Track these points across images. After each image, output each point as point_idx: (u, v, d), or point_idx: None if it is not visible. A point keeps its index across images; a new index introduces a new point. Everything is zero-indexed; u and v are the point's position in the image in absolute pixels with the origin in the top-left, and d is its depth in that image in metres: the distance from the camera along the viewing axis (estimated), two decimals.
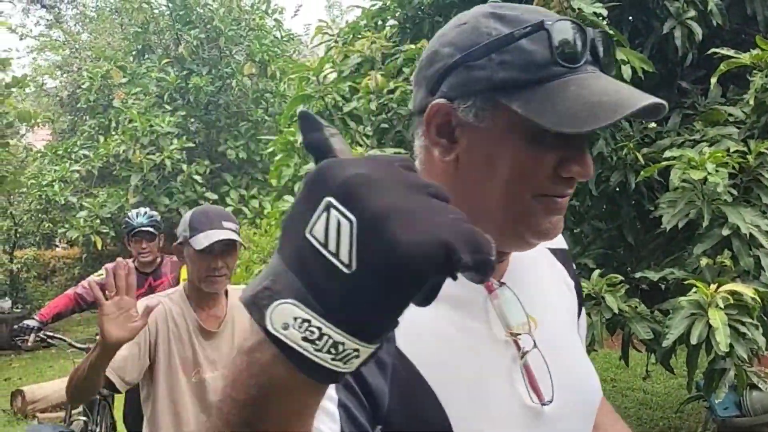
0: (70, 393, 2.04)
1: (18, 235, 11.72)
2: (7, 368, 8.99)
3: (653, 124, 3.64)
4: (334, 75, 4.19)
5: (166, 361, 2.10)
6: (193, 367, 2.12)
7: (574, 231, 3.64)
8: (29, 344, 3.61)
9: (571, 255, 3.38)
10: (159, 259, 4.09)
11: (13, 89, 7.80)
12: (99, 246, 9.70)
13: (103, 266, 3.94)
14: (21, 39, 14.48)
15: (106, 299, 1.73)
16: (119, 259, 1.87)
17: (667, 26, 3.34)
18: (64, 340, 3.87)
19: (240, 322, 2.19)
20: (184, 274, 3.79)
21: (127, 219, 4.06)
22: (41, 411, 6.35)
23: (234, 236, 2.06)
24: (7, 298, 10.85)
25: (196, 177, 10.25)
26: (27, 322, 3.73)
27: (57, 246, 14.75)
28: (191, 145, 10.47)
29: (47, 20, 15.34)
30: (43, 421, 6.19)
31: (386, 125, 3.76)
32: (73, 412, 4.42)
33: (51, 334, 3.76)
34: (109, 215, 9.78)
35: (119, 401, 4.18)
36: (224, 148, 10.99)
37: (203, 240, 2.02)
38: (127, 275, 1.75)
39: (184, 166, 10.11)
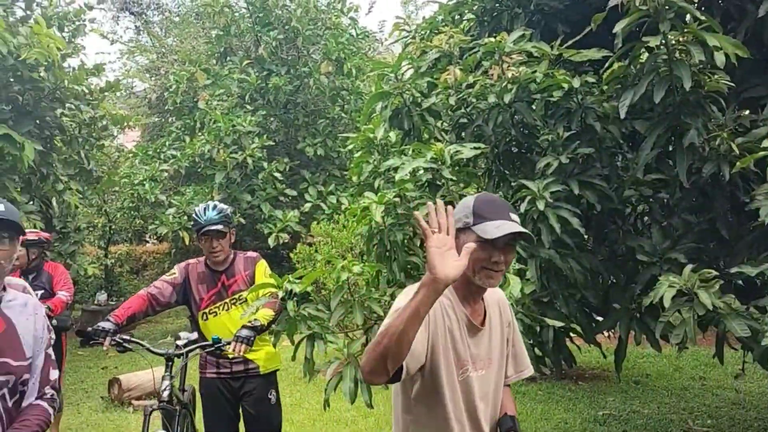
0: (374, 360, 1.63)
1: (112, 232, 12.39)
2: (104, 358, 9.51)
3: (746, 112, 3.47)
4: (411, 71, 4.20)
5: (444, 355, 1.87)
6: (463, 363, 1.91)
7: (663, 225, 3.51)
8: (105, 348, 3.39)
9: (662, 249, 3.26)
10: (231, 257, 3.77)
11: (107, 93, 8.24)
12: (186, 241, 10.12)
13: (175, 265, 3.80)
14: (111, 44, 15.27)
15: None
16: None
17: (762, 9, 3.17)
18: (141, 344, 3.52)
19: (496, 319, 2.03)
20: (259, 272, 3.70)
21: (194, 216, 3.66)
22: (136, 399, 6.70)
23: (523, 230, 1.85)
24: (103, 291, 11.48)
25: (276, 174, 10.52)
26: (102, 324, 3.42)
27: (147, 242, 15.50)
28: (271, 143, 10.75)
29: (135, 26, 16.12)
30: (138, 408, 6.54)
31: (465, 120, 3.75)
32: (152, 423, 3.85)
33: (127, 338, 3.50)
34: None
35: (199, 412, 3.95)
36: (303, 146, 11.23)
37: (493, 230, 1.80)
38: (443, 216, 1.62)
39: (265, 164, 10.40)
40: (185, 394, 3.64)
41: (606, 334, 4.45)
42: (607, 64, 3.08)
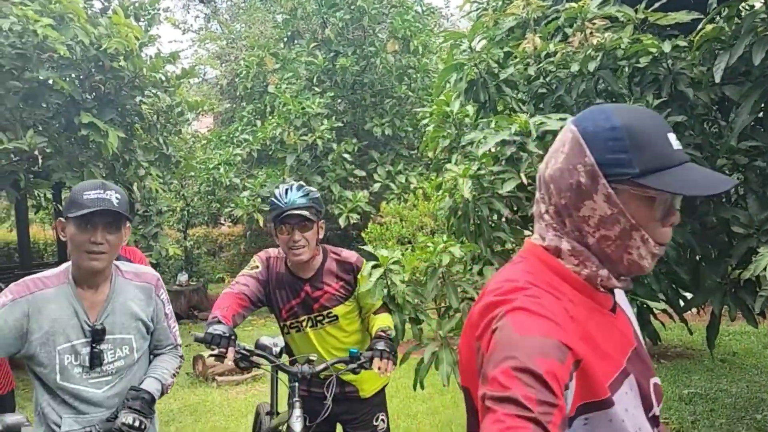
0: None
1: (189, 215, 12.80)
2: (187, 336, 9.88)
3: None
4: (484, 42, 4.10)
5: None
6: None
7: (759, 194, 3.32)
8: (229, 361, 2.52)
9: (759, 221, 3.08)
10: (320, 259, 2.87)
11: (182, 80, 8.47)
12: (261, 223, 10.36)
13: (255, 254, 3.00)
14: (183, 33, 15.64)
15: None
16: None
17: None
18: (269, 359, 2.70)
19: None
20: (361, 280, 2.85)
21: (273, 198, 2.76)
22: (219, 375, 6.94)
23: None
24: (184, 272, 11.90)
25: (345, 155, 10.60)
26: (216, 327, 2.53)
27: (222, 224, 15.96)
28: (339, 124, 10.82)
29: (205, 14, 16.45)
30: (222, 383, 6.77)
31: (544, 90, 3.64)
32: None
33: (250, 348, 2.69)
34: (268, 194, 10.39)
35: None
36: (370, 126, 11.25)
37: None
38: None
39: (334, 145, 10.48)
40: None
41: (693, 310, 4.27)
42: (700, 26, 2.92)
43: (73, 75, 6.96)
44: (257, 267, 2.92)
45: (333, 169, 10.67)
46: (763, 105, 3.07)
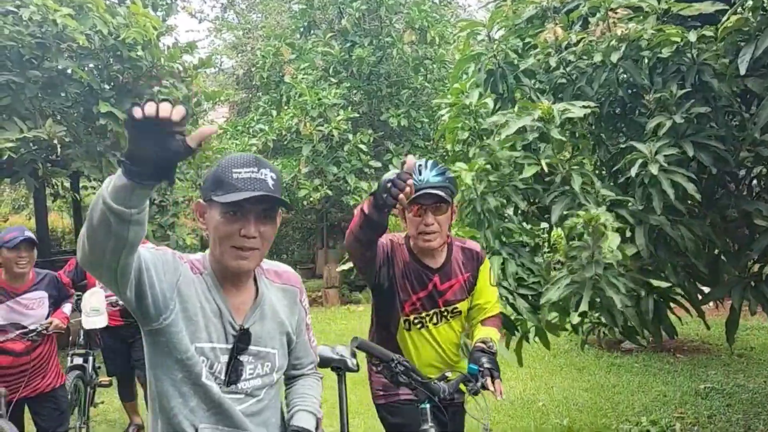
0: None
1: None
2: None
3: None
4: (502, 32, 4.06)
5: None
6: None
7: None
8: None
9: None
10: (449, 247, 2.55)
11: (199, 70, 8.49)
12: None
13: None
14: (200, 23, 15.68)
15: None
16: None
17: None
18: (418, 377, 2.30)
19: None
20: (483, 279, 2.59)
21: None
22: None
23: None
24: None
25: (361, 146, 10.60)
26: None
27: None
28: (355, 115, 10.82)
29: (221, 4, 16.48)
30: None
31: (564, 80, 3.60)
32: None
33: (406, 363, 2.33)
34: (283, 184, 10.42)
35: None
36: (386, 117, 11.23)
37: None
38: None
39: (350, 136, 10.49)
40: None
41: (711, 304, 4.24)
42: (725, 17, 2.87)
43: (92, 65, 7.01)
44: (381, 241, 2.44)
45: (349, 159, 10.68)
46: None
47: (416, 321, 2.53)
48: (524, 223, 3.68)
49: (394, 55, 11.32)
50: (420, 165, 2.40)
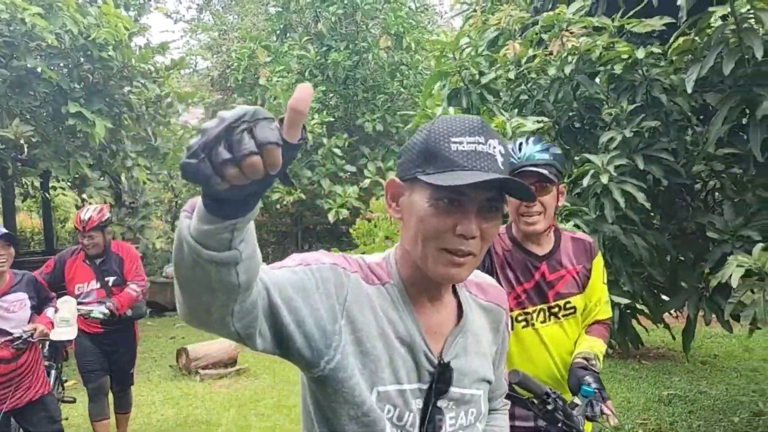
0: None
1: (178, 207, 12.77)
2: (172, 328, 9.89)
3: None
4: (469, 49, 4.14)
5: None
6: None
7: (735, 200, 3.36)
8: None
9: (734, 226, 3.12)
10: (557, 235, 2.24)
11: (172, 71, 8.45)
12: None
13: None
14: (175, 23, 15.56)
15: None
16: None
17: None
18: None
19: None
20: (596, 273, 2.26)
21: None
22: (202, 368, 6.95)
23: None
24: (170, 264, 11.85)
25: (336, 150, 10.60)
26: None
27: None
28: (331, 119, 10.82)
29: (197, 4, 16.39)
30: (205, 377, 6.78)
31: (525, 96, 3.67)
32: None
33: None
34: None
35: None
36: (362, 122, 11.25)
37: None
38: None
39: (325, 140, 10.49)
40: None
41: (674, 313, 4.32)
42: (672, 38, 2.95)
43: (62, 64, 6.95)
44: None
45: (323, 163, 10.68)
46: (739, 112, 3.11)
47: (520, 318, 2.15)
48: None
49: (370, 60, 11.35)
50: (521, 141, 2.13)
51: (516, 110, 3.72)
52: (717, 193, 3.59)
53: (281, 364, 7.34)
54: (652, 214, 3.57)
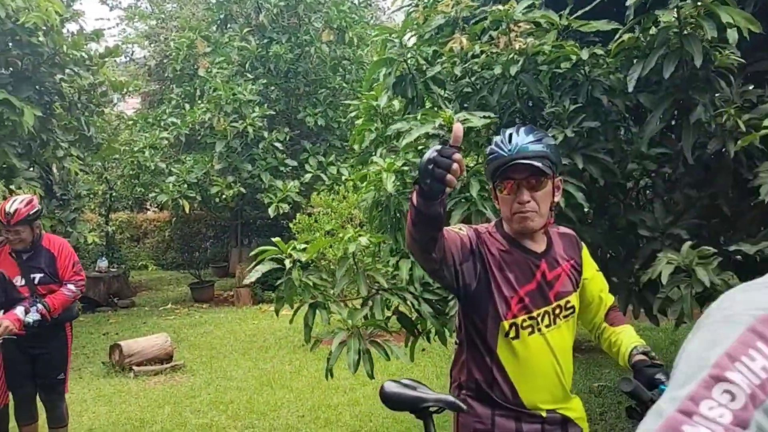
0: None
1: (112, 199, 12.38)
2: (105, 323, 9.60)
3: (752, 87, 3.43)
4: (415, 38, 4.15)
5: None
6: None
7: (665, 199, 3.50)
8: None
9: (664, 225, 3.25)
10: (546, 230, 2.08)
11: (106, 59, 8.17)
12: (187, 209, 10.14)
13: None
14: (111, 10, 15.05)
15: None
16: None
17: None
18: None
19: None
20: (587, 263, 2.16)
21: (493, 146, 1.99)
22: (137, 364, 6.76)
23: None
24: (104, 258, 11.51)
25: (277, 144, 10.49)
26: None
27: (148, 209, 15.49)
28: (272, 112, 10.70)
29: None
30: (139, 373, 6.60)
31: (469, 89, 3.71)
32: None
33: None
34: (195, 180, 10.18)
35: None
36: (303, 116, 11.17)
37: None
38: None
39: (266, 134, 10.36)
40: None
41: None
42: (617, 36, 3.04)
43: None
44: (462, 229, 1.99)
45: (264, 157, 10.55)
46: (672, 114, 3.24)
47: (526, 324, 1.96)
48: None
49: (313, 54, 11.27)
50: (512, 132, 1.95)
51: (459, 102, 3.75)
52: (648, 192, 3.73)
53: (219, 359, 7.23)
54: (587, 210, 3.69)
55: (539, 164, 1.87)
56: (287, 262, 2.83)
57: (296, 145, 11.38)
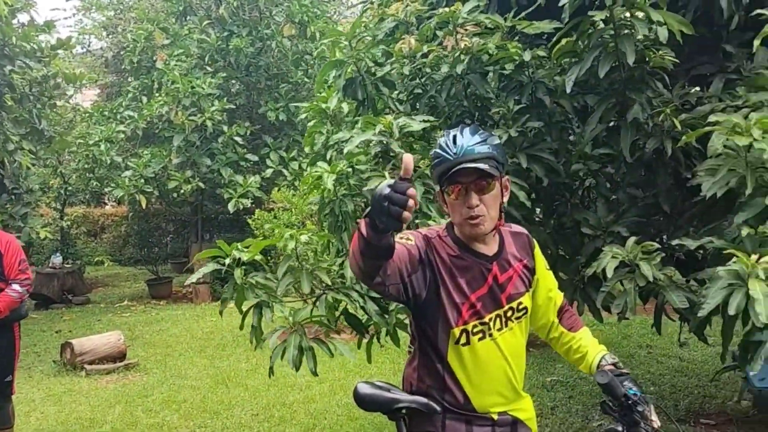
0: None
1: (67, 193, 12.10)
2: (58, 321, 9.40)
3: (694, 89, 3.52)
4: (367, 39, 4.15)
5: None
6: None
7: (609, 199, 3.57)
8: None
9: (606, 223, 3.32)
10: (498, 231, 2.03)
11: (59, 51, 7.98)
12: (144, 204, 9.97)
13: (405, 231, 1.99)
14: (67, 0, 14.69)
15: None
16: None
17: None
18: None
19: None
20: (540, 261, 2.13)
21: (438, 149, 1.93)
22: (88, 363, 6.64)
23: None
24: (58, 254, 11.26)
25: (237, 138, 10.38)
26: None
27: (106, 204, 15.20)
28: (232, 106, 10.57)
29: None
30: (91, 372, 6.49)
31: (420, 90, 3.73)
32: None
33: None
34: (152, 175, 10.02)
35: None
36: (264, 110, 11.07)
37: None
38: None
39: (225, 128, 10.24)
40: None
41: None
42: (555, 38, 3.09)
43: None
44: (409, 239, 1.92)
45: (224, 152, 10.43)
46: (614, 114, 3.30)
47: (476, 330, 1.93)
48: None
49: (274, 48, 11.17)
50: (455, 134, 1.89)
51: (410, 103, 3.77)
52: (593, 191, 3.80)
53: (174, 357, 7.15)
54: (535, 210, 3.74)
55: (486, 166, 1.84)
56: (228, 262, 2.81)
57: (257, 140, 11.28)
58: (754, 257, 2.50)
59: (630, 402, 1.89)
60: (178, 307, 10.17)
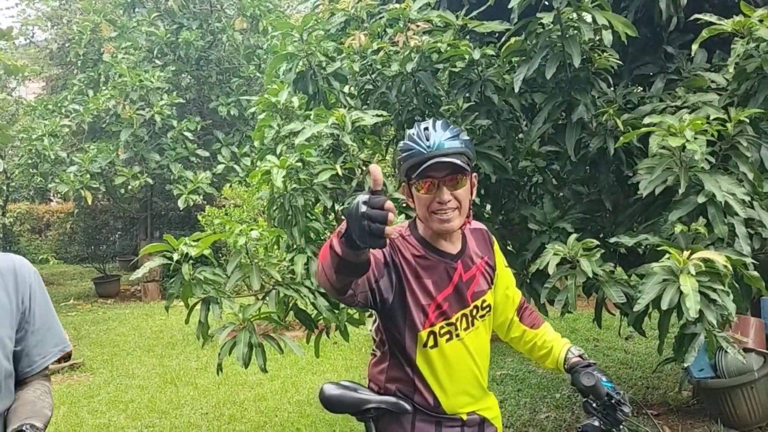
0: None
1: (10, 189, 11.70)
2: None
3: (637, 89, 3.62)
4: (320, 33, 4.13)
5: None
6: None
7: (555, 195, 3.65)
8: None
9: (552, 219, 3.40)
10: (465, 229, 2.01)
11: (0, 41, 7.69)
12: (89, 201, 9.71)
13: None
14: None
15: None
16: None
17: None
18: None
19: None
20: (500, 258, 2.15)
21: (409, 141, 1.87)
22: None
23: None
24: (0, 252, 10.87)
25: (187, 133, 10.20)
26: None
27: (51, 200, 14.75)
28: (182, 101, 10.38)
29: None
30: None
31: (370, 86, 3.74)
32: None
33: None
34: (99, 170, 9.76)
35: None
36: (216, 105, 10.91)
37: None
38: None
39: (175, 123, 10.05)
40: None
41: None
42: (504, 38, 3.15)
43: None
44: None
45: (173, 147, 10.24)
46: (561, 113, 3.38)
47: (443, 332, 1.92)
48: (333, 223, 3.77)
49: (225, 42, 11.01)
50: (426, 127, 1.85)
51: (362, 98, 3.77)
52: (539, 188, 3.88)
53: (121, 357, 7.00)
54: (484, 206, 3.80)
55: (459, 162, 1.80)
56: (175, 257, 2.77)
57: (208, 135, 11.11)
58: (686, 254, 2.61)
59: (613, 401, 1.91)
60: (126, 306, 9.97)
